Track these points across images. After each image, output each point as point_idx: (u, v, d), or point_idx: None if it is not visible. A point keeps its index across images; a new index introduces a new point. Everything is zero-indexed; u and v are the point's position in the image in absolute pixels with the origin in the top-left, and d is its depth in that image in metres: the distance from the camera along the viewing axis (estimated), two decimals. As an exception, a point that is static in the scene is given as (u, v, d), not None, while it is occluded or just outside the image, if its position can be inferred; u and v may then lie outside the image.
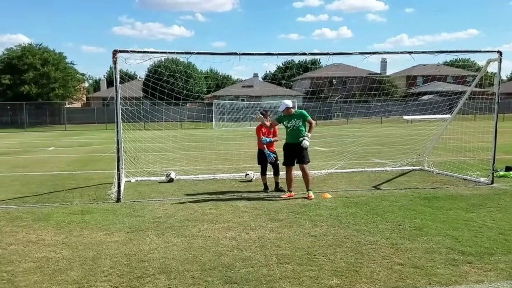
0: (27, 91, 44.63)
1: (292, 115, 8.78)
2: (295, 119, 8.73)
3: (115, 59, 8.62)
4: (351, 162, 12.53)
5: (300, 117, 8.75)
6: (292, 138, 8.74)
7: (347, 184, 10.02)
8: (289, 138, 8.80)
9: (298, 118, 8.73)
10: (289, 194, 8.79)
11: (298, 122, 8.71)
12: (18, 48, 48.67)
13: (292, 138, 8.75)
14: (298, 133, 8.70)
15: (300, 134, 8.69)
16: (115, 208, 8.06)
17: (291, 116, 8.78)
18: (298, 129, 8.71)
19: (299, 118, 8.74)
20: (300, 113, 8.80)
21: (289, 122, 8.76)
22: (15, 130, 40.67)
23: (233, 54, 8.74)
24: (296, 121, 8.72)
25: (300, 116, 8.76)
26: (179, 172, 11.67)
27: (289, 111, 8.78)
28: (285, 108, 8.77)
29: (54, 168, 13.37)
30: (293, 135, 8.74)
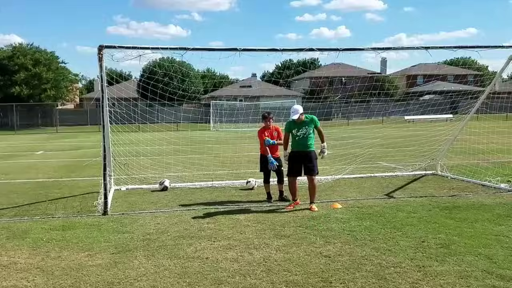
0: (18, 92, 43.52)
1: (303, 121, 7.83)
2: (305, 126, 7.81)
3: (101, 56, 7.77)
4: (358, 166, 11.71)
5: (311, 123, 7.83)
6: (301, 146, 7.83)
7: (357, 191, 9.20)
8: (297, 146, 7.87)
9: (309, 125, 7.82)
10: (295, 203, 7.95)
11: (309, 129, 7.80)
12: (8, 48, 47.54)
13: (300, 146, 7.84)
14: (307, 141, 7.81)
15: (309, 142, 7.81)
16: (100, 223, 7.20)
17: (302, 123, 7.83)
18: (308, 137, 7.81)
19: (310, 124, 7.82)
20: (311, 119, 7.86)
21: (299, 130, 7.82)
22: (5, 132, 39.62)
23: (233, 50, 7.89)
24: (307, 128, 7.80)
25: (311, 122, 7.84)
26: (174, 179, 10.81)
27: (301, 118, 7.82)
28: (299, 115, 7.73)
29: (40, 175, 12.49)
30: (302, 143, 7.82)
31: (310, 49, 8.06)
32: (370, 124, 27.40)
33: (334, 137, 21.40)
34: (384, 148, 15.02)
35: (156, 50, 7.88)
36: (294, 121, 7.82)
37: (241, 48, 7.93)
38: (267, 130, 8.50)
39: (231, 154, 14.84)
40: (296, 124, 7.83)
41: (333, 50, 8.17)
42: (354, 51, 8.33)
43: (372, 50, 8.28)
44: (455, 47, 8.88)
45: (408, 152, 14.01)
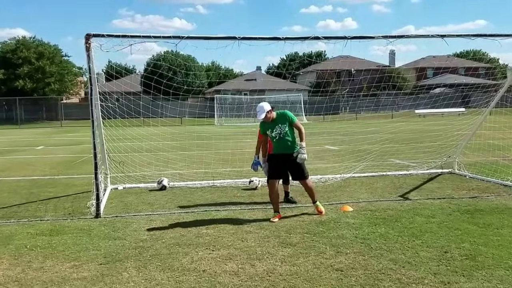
0: (21, 86, 43.07)
1: (275, 120, 6.83)
2: (279, 125, 6.80)
3: (89, 45, 7.17)
4: (369, 164, 11.05)
5: (284, 120, 6.81)
6: (281, 148, 6.91)
7: (368, 192, 8.56)
8: (276, 149, 6.97)
9: (283, 123, 6.80)
10: (277, 216, 6.86)
11: (284, 127, 6.80)
12: (12, 42, 47.08)
13: (280, 149, 6.92)
14: (286, 142, 6.86)
15: (288, 143, 6.87)
16: (91, 227, 6.64)
17: (274, 121, 6.84)
18: (285, 137, 6.84)
19: (284, 122, 6.81)
20: (282, 114, 6.82)
21: (273, 130, 6.83)
22: (9, 126, 39.29)
23: (231, 38, 7.26)
24: (281, 127, 6.80)
25: (284, 119, 6.80)
26: (174, 177, 10.24)
27: (270, 116, 6.81)
28: (265, 113, 6.75)
29: (36, 172, 11.96)
30: (280, 144, 6.90)
31: (315, 37, 7.41)
32: (380, 118, 26.65)
33: (343, 132, 20.79)
34: (396, 144, 14.36)
35: (147, 38, 7.26)
36: (263, 121, 6.93)
37: (240, 37, 7.29)
38: None
39: (234, 151, 14.22)
40: (267, 124, 6.88)
41: (340, 38, 7.49)
42: (363, 39, 7.64)
43: (382, 38, 7.61)
44: (474, 35, 8.19)
45: (421, 149, 13.33)
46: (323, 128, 20.79)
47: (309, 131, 15.88)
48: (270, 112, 6.81)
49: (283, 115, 6.83)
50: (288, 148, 6.89)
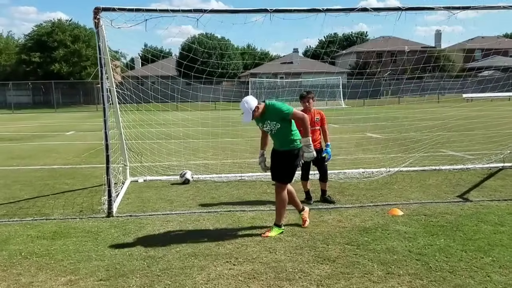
0: (57, 70, 43.19)
1: (264, 114, 5.48)
2: (267, 121, 5.48)
3: (97, 21, 6.30)
4: (415, 154, 9.80)
5: (274, 117, 5.42)
6: (275, 144, 5.67)
7: (420, 191, 7.37)
8: (275, 144, 5.70)
9: (272, 119, 5.43)
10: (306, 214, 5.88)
11: (274, 124, 5.45)
12: (48, 24, 47.17)
13: (275, 144, 5.68)
14: (278, 138, 5.56)
15: (281, 139, 5.54)
16: (100, 229, 5.83)
17: (263, 117, 5.51)
18: (277, 134, 5.52)
19: (273, 118, 5.43)
20: (272, 109, 5.41)
21: (264, 125, 5.59)
22: (46, 110, 39.64)
23: (262, 11, 6.20)
24: (270, 124, 5.47)
25: (274, 115, 5.41)
26: (199, 168, 9.36)
27: (258, 112, 5.42)
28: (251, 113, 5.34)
29: (57, 160, 11.35)
30: (274, 141, 5.66)
31: (362, 9, 6.25)
32: (424, 103, 24.95)
33: (385, 118, 19.38)
34: (445, 132, 12.97)
35: (164, 13, 6.29)
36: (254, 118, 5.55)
37: (273, 9, 6.22)
38: (308, 112, 6.78)
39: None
40: (258, 119, 5.58)
41: (393, 9, 6.29)
42: (421, 10, 6.41)
43: (444, 9, 6.34)
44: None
45: (475, 138, 11.91)
46: (363, 114, 19.44)
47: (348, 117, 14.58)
48: (257, 109, 5.38)
49: (272, 109, 5.40)
50: (278, 145, 5.60)
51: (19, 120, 29.65)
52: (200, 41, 42.57)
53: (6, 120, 29.34)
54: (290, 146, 5.50)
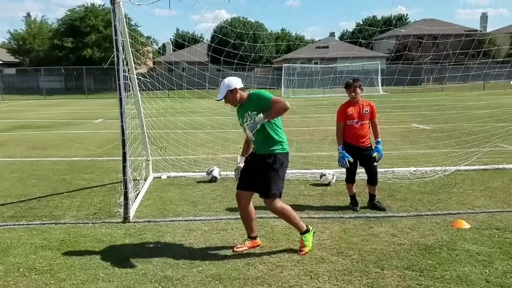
0: (90, 55, 43.00)
1: (246, 104, 4.47)
2: (249, 112, 4.41)
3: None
4: (470, 150, 8.62)
5: (254, 106, 4.35)
6: (258, 145, 4.53)
7: (486, 196, 6.27)
8: (254, 146, 4.61)
9: (253, 109, 4.36)
10: (250, 243, 4.69)
11: (254, 116, 4.34)
12: (81, 9, 47.00)
13: (257, 146, 4.54)
14: (258, 138, 4.42)
15: (260, 139, 4.42)
16: (113, 237, 5.06)
17: (244, 107, 4.48)
18: (262, 130, 4.38)
19: (254, 108, 4.35)
20: (254, 96, 4.42)
21: (244, 119, 4.47)
22: (78, 96, 39.62)
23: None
24: (250, 115, 4.39)
25: (254, 104, 4.37)
26: (228, 163, 8.51)
27: (236, 97, 4.44)
28: (225, 92, 4.41)
29: (79, 152, 10.73)
30: (257, 139, 4.46)
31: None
32: (469, 90, 23.29)
33: (428, 105, 18.00)
34: (500, 123, 11.65)
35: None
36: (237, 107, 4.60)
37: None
38: (352, 105, 5.78)
39: (302, 129, 12.23)
40: (239, 111, 4.57)
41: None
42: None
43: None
44: None
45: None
46: (404, 101, 18.15)
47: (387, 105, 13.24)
48: (236, 92, 4.40)
49: (254, 97, 4.41)
50: (257, 147, 4.54)
51: (50, 106, 29.59)
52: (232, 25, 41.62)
53: (37, 106, 29.33)
54: (271, 150, 4.41)
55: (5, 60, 56.20)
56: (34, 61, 51.54)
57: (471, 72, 27.41)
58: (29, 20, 56.24)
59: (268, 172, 4.41)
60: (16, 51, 54.19)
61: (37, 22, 56.19)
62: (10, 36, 54.37)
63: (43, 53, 50.66)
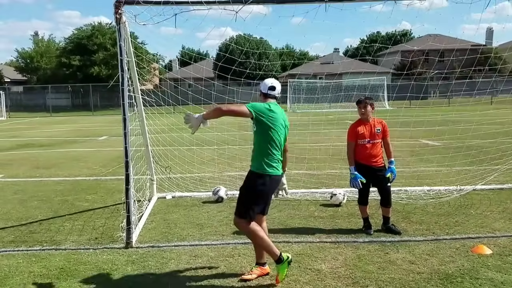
0: (97, 73, 43.23)
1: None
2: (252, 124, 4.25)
3: (119, 16, 5.33)
4: (488, 168, 8.34)
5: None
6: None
7: (505, 218, 5.97)
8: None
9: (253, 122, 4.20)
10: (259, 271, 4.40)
11: (252, 126, 4.25)
12: (88, 28, 47.42)
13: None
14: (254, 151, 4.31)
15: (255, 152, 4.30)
16: (114, 265, 4.81)
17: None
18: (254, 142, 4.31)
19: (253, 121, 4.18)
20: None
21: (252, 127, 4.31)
22: (84, 113, 39.66)
23: (315, 0, 5.03)
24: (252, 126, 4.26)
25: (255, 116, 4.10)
26: (234, 181, 8.27)
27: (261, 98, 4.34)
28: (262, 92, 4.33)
29: (83, 171, 10.53)
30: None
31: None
32: (476, 104, 23.01)
33: (437, 120, 17.72)
34: (509, 139, 11.37)
35: (197, 5, 5.22)
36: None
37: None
38: (363, 124, 5.55)
39: (309, 145, 11.98)
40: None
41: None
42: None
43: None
44: None
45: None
46: (411, 116, 17.87)
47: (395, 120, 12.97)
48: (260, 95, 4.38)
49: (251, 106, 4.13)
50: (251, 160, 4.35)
51: (56, 123, 29.55)
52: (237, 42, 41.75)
53: (43, 124, 29.29)
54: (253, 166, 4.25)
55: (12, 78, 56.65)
56: (41, 79, 51.89)
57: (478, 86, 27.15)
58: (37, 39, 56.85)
59: (242, 189, 4.32)
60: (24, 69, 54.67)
61: (44, 41, 56.79)
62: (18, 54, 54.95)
63: (50, 71, 51.06)
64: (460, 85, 29.69)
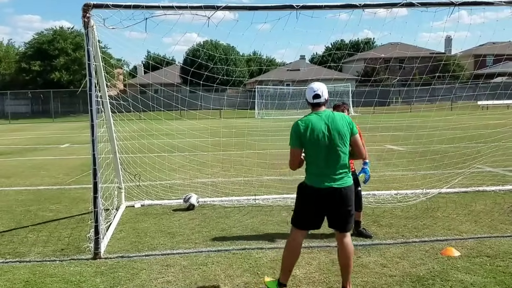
0: (58, 78, 42.14)
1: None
2: None
3: (87, 20, 5.19)
4: (448, 171, 8.59)
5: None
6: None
7: (471, 221, 6.14)
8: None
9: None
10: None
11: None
12: (49, 33, 46.21)
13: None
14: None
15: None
16: (82, 277, 4.65)
17: None
18: None
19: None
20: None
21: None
22: (44, 120, 38.50)
23: (287, 7, 5.07)
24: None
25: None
26: (206, 188, 8.20)
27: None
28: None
29: (45, 180, 10.19)
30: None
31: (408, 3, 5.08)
32: (437, 110, 23.72)
33: (400, 126, 18.13)
34: (472, 144, 11.77)
35: (168, 9, 5.17)
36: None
37: (299, 6, 5.09)
38: None
39: (281, 151, 11.98)
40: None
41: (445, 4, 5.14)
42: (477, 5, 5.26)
43: (506, 4, 5.21)
44: None
45: (508, 150, 10.69)
46: (375, 122, 18.22)
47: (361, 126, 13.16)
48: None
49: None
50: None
51: (15, 131, 28.57)
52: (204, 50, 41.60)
53: (2, 131, 28.26)
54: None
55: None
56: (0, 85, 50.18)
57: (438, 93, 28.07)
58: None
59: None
60: (-19, 75, 52.73)
61: (3, 46, 54.96)
62: (-25, 60, 52.93)
63: (9, 77, 49.40)
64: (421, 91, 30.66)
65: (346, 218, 3.98)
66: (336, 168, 3.92)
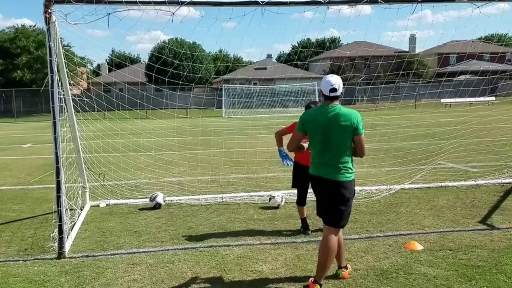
0: (20, 77, 40.85)
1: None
2: None
3: (49, 15, 5.05)
4: (415, 168, 8.84)
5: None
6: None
7: (434, 215, 6.32)
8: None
9: None
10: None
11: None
12: (10, 31, 44.77)
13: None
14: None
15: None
16: (46, 277, 4.54)
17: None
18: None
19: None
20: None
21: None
22: (6, 120, 37.20)
23: (252, 3, 5.09)
24: None
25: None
26: (173, 187, 8.14)
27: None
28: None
29: (7, 180, 9.88)
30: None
31: (372, 0, 5.18)
32: (401, 108, 24.27)
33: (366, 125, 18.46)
34: (435, 141, 12.12)
35: (132, 5, 5.09)
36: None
37: (265, 2, 5.11)
38: None
39: (246, 149, 12.05)
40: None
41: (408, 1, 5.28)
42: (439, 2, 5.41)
43: (468, 1, 5.39)
44: None
45: (469, 146, 11.06)
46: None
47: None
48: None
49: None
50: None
51: (-26, 130, 27.53)
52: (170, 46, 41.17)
53: (-40, 130, 27.17)
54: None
55: None
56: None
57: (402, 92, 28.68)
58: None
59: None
60: None
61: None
62: None
63: (-31, 76, 47.52)
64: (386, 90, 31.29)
65: (330, 211, 4.08)
66: (330, 160, 4.06)
